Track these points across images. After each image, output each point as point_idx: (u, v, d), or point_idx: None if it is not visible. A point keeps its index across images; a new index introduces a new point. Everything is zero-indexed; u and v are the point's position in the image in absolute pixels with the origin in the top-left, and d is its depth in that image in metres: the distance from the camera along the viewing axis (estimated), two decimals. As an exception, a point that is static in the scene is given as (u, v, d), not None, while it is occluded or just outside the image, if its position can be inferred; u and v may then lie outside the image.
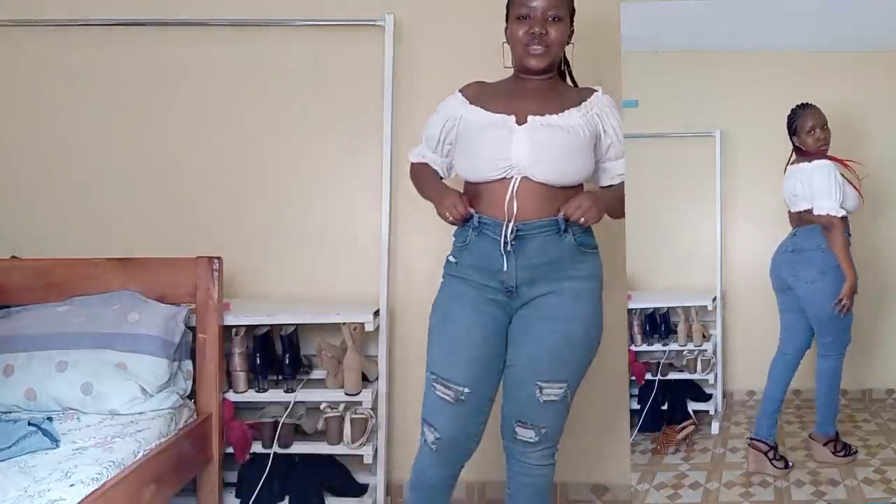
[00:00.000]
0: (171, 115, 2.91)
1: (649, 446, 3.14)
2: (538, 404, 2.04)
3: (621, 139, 2.17)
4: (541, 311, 2.04)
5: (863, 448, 3.11)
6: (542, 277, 2.03)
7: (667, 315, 3.32)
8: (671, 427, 3.21)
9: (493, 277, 2.04)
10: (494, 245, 2.02)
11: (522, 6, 2.09)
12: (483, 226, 2.04)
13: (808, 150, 2.88)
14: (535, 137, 2.01)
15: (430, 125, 2.23)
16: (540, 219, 2.01)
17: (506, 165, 2.00)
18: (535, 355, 2.03)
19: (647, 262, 3.16)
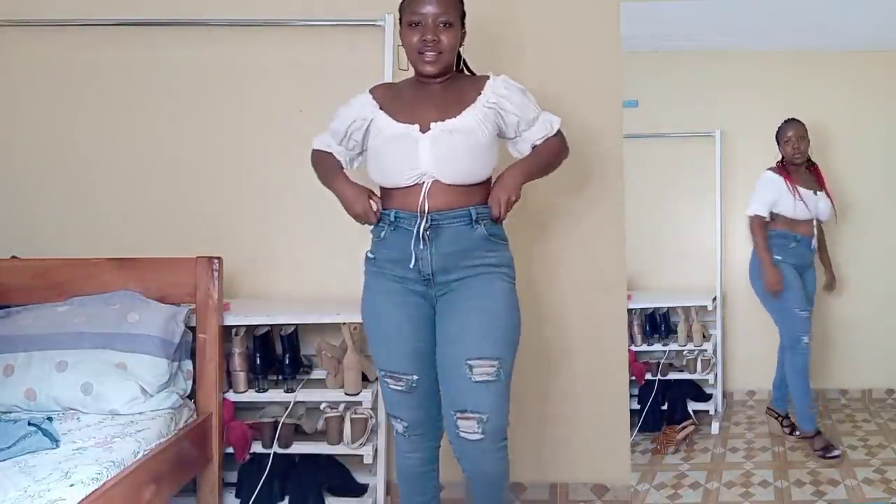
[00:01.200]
0: (170, 115, 2.91)
1: (649, 446, 3.14)
2: (470, 385, 2.05)
3: (530, 106, 2.21)
4: (460, 293, 2.12)
5: (863, 448, 3.11)
6: (456, 265, 2.12)
7: (667, 315, 3.32)
8: (671, 427, 3.21)
9: (410, 268, 2.13)
10: (410, 237, 2.11)
11: (413, 13, 2.12)
12: (399, 220, 2.13)
13: (785, 158, 3.13)
14: (439, 144, 2.09)
15: (338, 118, 2.28)
16: (452, 209, 2.11)
17: (415, 174, 2.10)
18: (461, 332, 2.09)
19: (647, 262, 3.16)
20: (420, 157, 2.09)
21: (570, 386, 2.91)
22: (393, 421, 2.22)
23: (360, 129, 2.23)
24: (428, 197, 2.09)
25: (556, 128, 2.25)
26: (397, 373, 2.14)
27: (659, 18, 3.00)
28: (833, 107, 3.23)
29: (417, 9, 2.11)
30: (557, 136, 2.26)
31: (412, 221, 2.10)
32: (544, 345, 2.86)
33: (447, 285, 2.13)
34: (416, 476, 2.28)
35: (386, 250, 2.16)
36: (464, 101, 2.16)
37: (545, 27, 2.84)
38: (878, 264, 3.22)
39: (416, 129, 2.12)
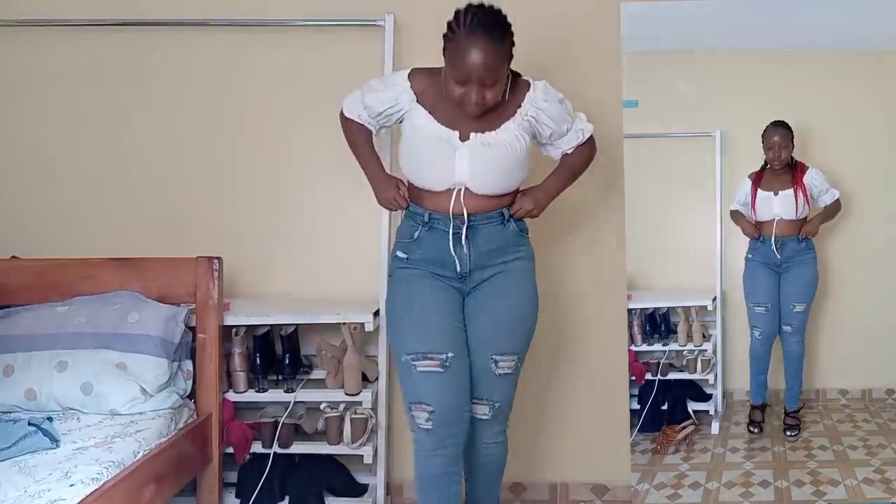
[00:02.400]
0: (170, 114, 2.91)
1: (649, 446, 3.14)
2: (493, 377, 2.19)
3: (566, 117, 2.25)
4: (493, 289, 2.20)
5: (863, 448, 3.11)
6: (491, 262, 2.20)
7: (667, 315, 3.31)
8: (671, 427, 3.21)
9: (448, 266, 2.19)
10: (445, 237, 2.17)
11: (458, 69, 2.04)
12: (434, 221, 2.18)
13: (767, 160, 3.26)
14: (476, 156, 2.12)
15: (373, 95, 2.25)
16: (485, 212, 2.18)
17: (449, 181, 2.14)
18: (491, 329, 2.18)
19: (647, 262, 3.16)
20: (456, 166, 2.12)
21: (570, 386, 2.92)
22: (415, 412, 2.12)
23: (396, 114, 2.23)
24: (459, 203, 2.15)
25: (587, 136, 2.30)
26: (432, 352, 2.11)
27: (659, 18, 3.00)
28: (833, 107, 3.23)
29: (463, 66, 2.03)
30: (588, 142, 2.32)
31: (447, 223, 2.16)
32: (544, 345, 2.85)
33: (482, 280, 2.20)
34: (440, 479, 2.13)
35: (421, 250, 2.20)
36: (504, 112, 2.17)
37: (545, 27, 2.84)
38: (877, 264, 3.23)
39: (456, 135, 2.14)
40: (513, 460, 2.38)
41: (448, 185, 2.15)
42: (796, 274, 3.28)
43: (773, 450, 3.14)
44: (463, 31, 2.03)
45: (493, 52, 2.02)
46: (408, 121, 2.19)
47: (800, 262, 3.27)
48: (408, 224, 2.25)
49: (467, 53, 2.01)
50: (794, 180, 3.22)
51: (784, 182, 3.22)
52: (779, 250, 3.24)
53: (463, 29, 2.03)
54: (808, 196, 3.23)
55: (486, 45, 2.01)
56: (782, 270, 3.29)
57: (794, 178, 3.22)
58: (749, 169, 3.24)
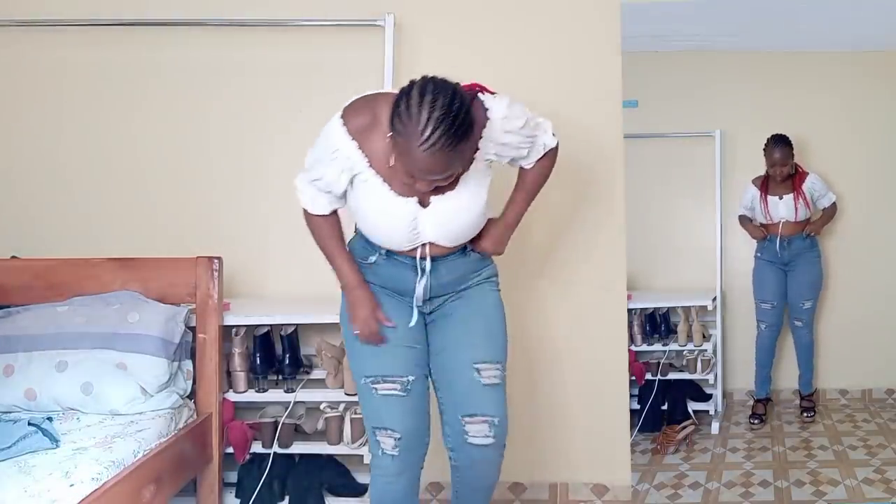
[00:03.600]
0: (170, 114, 2.91)
1: (649, 446, 3.15)
2: (480, 388, 2.04)
3: (527, 141, 2.02)
4: (457, 304, 2.10)
5: (863, 448, 3.11)
6: (452, 289, 2.09)
7: (667, 315, 3.32)
8: (671, 427, 3.21)
9: (407, 293, 2.07)
10: (405, 268, 2.04)
11: (410, 167, 1.79)
12: (391, 253, 2.05)
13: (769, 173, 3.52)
14: (440, 218, 1.98)
15: (322, 171, 1.97)
16: (448, 254, 2.05)
17: (416, 243, 2.00)
18: (466, 335, 2.07)
19: (647, 262, 3.16)
20: (420, 230, 1.99)
21: (570, 386, 2.91)
22: (379, 437, 2.04)
23: (347, 180, 1.97)
24: (426, 252, 2.03)
25: (548, 147, 2.08)
26: (392, 375, 2.03)
27: (659, 18, 3.00)
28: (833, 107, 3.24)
29: (416, 169, 1.79)
30: (548, 154, 2.10)
31: (406, 257, 2.04)
32: (544, 345, 2.85)
33: (443, 303, 2.11)
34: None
35: (376, 277, 2.09)
36: None
37: (545, 27, 2.84)
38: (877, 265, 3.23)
39: (415, 203, 1.95)
40: (513, 460, 2.38)
41: (412, 245, 2.01)
42: (803, 272, 3.54)
43: (773, 450, 3.14)
44: (416, 131, 1.72)
45: (458, 156, 1.79)
46: (360, 184, 1.95)
47: (805, 261, 3.52)
48: (362, 245, 2.08)
49: (422, 161, 1.76)
50: (795, 186, 3.50)
51: (787, 187, 3.51)
52: (786, 248, 3.50)
53: (416, 126, 1.72)
54: (808, 201, 3.50)
55: (447, 153, 1.74)
56: (789, 269, 3.54)
57: (794, 184, 3.50)
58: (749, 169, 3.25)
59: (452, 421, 2.07)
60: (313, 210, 2.07)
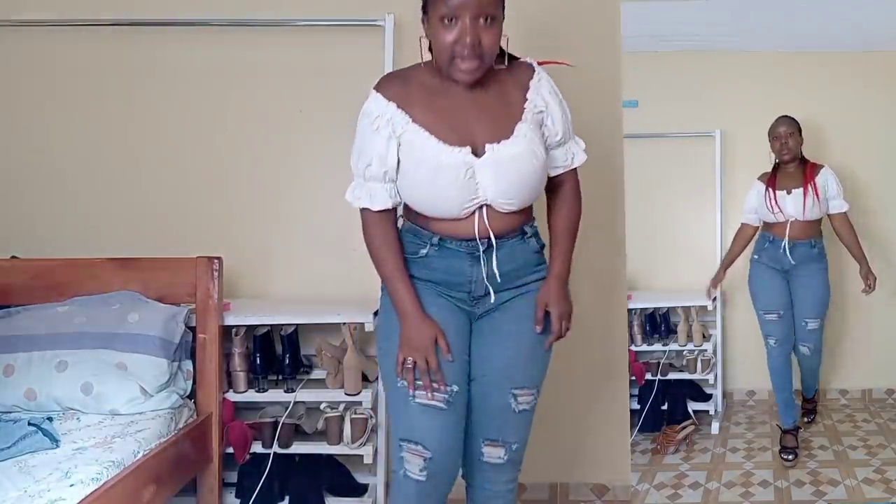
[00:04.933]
0: (171, 115, 2.91)
1: (649, 446, 3.14)
2: (511, 415, 1.92)
3: (562, 124, 1.94)
4: (511, 314, 1.92)
5: (863, 448, 3.11)
6: (509, 284, 1.91)
7: (667, 315, 3.32)
8: (671, 427, 3.21)
9: (458, 288, 1.91)
10: (458, 257, 1.88)
11: (446, 5, 1.73)
12: (444, 241, 1.88)
13: (775, 154, 3.13)
14: (501, 172, 1.82)
15: (371, 153, 1.85)
16: (510, 231, 1.90)
17: (473, 206, 1.83)
18: (510, 360, 1.90)
19: (647, 262, 3.16)
20: (479, 187, 1.82)
21: (570, 386, 2.91)
22: (406, 454, 1.84)
23: (396, 147, 1.84)
24: (485, 223, 1.85)
25: (575, 163, 1.98)
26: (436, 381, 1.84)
27: (659, 18, 3.00)
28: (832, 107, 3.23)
29: (448, 8, 1.73)
30: (572, 178, 2.00)
31: (460, 244, 1.87)
32: (544, 345, 2.86)
33: (497, 304, 1.92)
34: None
35: (427, 270, 1.90)
36: (511, 109, 1.87)
37: (544, 27, 2.84)
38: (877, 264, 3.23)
39: (469, 153, 1.81)
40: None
41: (470, 209, 1.83)
42: (807, 284, 3.12)
43: (773, 450, 3.13)
44: None
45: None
46: (407, 146, 1.83)
47: (810, 272, 3.10)
48: (410, 239, 1.92)
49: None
50: (805, 178, 3.06)
51: (796, 180, 3.08)
52: (788, 253, 3.08)
53: None
54: (820, 197, 3.07)
55: None
56: (791, 276, 3.12)
57: (805, 175, 3.06)
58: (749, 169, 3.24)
59: (473, 440, 1.94)
60: (374, 205, 1.88)
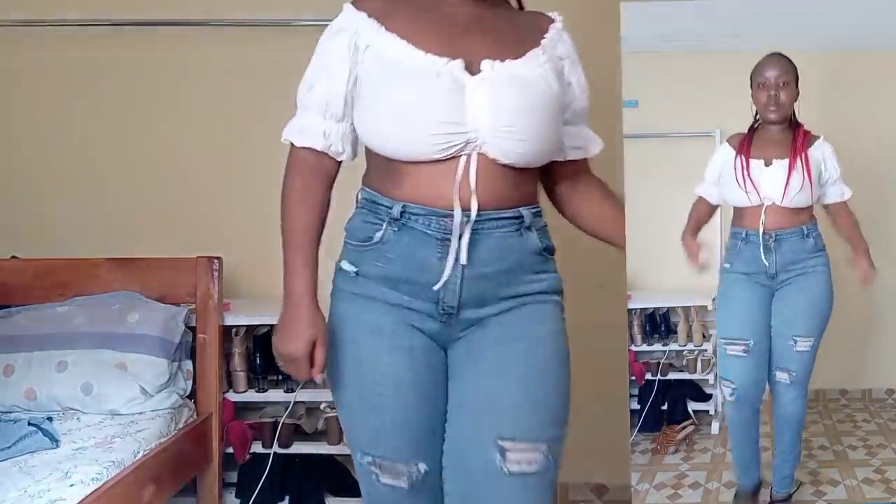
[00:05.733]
0: (171, 115, 2.91)
1: (649, 446, 3.14)
2: (499, 481, 1.32)
3: (584, 92, 1.58)
4: (494, 330, 1.40)
5: (863, 448, 3.11)
6: (494, 294, 1.40)
7: (667, 315, 3.32)
8: (671, 427, 3.21)
9: (423, 291, 1.37)
10: (424, 242, 1.35)
11: None
12: (409, 217, 1.36)
13: (758, 110, 2.18)
14: (500, 95, 1.34)
15: (316, 67, 1.51)
16: (500, 208, 1.37)
17: (458, 140, 1.32)
18: (491, 396, 1.35)
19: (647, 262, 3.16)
20: (467, 112, 1.32)
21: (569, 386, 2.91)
22: None
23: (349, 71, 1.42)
24: (470, 181, 1.33)
25: (592, 151, 1.67)
26: (395, 460, 1.38)
27: (659, 18, 3.00)
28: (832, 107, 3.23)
29: None
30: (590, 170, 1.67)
31: (431, 223, 1.35)
32: (544, 345, 2.86)
33: (474, 322, 1.40)
34: None
35: (380, 264, 1.40)
36: (522, 36, 1.44)
37: (545, 27, 2.85)
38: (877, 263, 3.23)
39: (460, 66, 1.34)
40: (513, 460, 2.38)
41: (451, 148, 1.32)
42: (799, 289, 2.18)
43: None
44: None
45: None
46: (371, 57, 1.38)
47: (804, 272, 2.18)
48: (362, 218, 1.45)
49: None
50: (795, 147, 2.12)
51: (780, 148, 2.13)
52: (772, 250, 2.13)
53: None
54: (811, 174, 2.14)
55: None
56: (778, 285, 2.18)
57: (793, 145, 2.13)
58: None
59: None
60: (300, 139, 1.53)
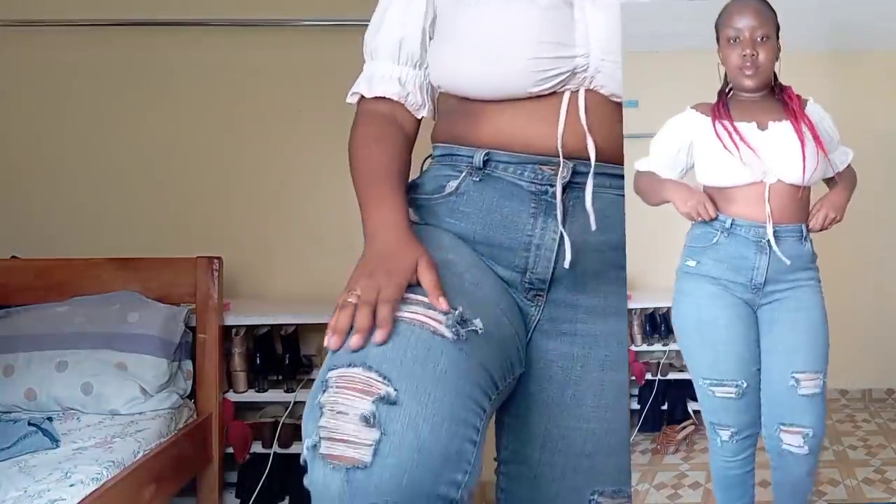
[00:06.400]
0: (170, 115, 2.91)
1: (649, 446, 3.14)
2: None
3: None
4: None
5: (863, 448, 3.11)
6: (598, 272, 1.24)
7: (667, 315, 3.32)
8: (671, 427, 3.21)
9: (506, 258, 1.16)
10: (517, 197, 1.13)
11: None
12: (496, 165, 1.12)
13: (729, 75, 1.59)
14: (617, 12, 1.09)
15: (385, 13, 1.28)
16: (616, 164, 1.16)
17: (564, 67, 1.08)
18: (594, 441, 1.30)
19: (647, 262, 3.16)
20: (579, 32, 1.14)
21: (570, 386, 2.92)
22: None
23: None
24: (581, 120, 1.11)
25: None
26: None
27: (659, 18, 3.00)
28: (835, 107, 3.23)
29: None
30: None
31: (525, 170, 1.10)
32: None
33: (568, 313, 1.23)
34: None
35: (454, 219, 1.14)
36: None
37: (545, 27, 2.85)
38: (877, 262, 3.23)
39: None
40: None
41: (554, 78, 1.07)
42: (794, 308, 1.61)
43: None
44: None
45: None
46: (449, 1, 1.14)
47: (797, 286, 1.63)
48: (436, 174, 1.17)
49: None
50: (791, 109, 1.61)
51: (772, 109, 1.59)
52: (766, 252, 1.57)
53: None
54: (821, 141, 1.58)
55: None
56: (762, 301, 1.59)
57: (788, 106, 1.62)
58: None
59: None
60: (371, 90, 1.23)
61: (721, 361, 1.61)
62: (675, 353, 3.48)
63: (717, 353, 1.61)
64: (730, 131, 1.49)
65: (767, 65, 1.59)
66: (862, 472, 3.05)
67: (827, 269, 3.35)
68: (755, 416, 1.63)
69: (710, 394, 1.65)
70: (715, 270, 1.57)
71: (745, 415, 1.62)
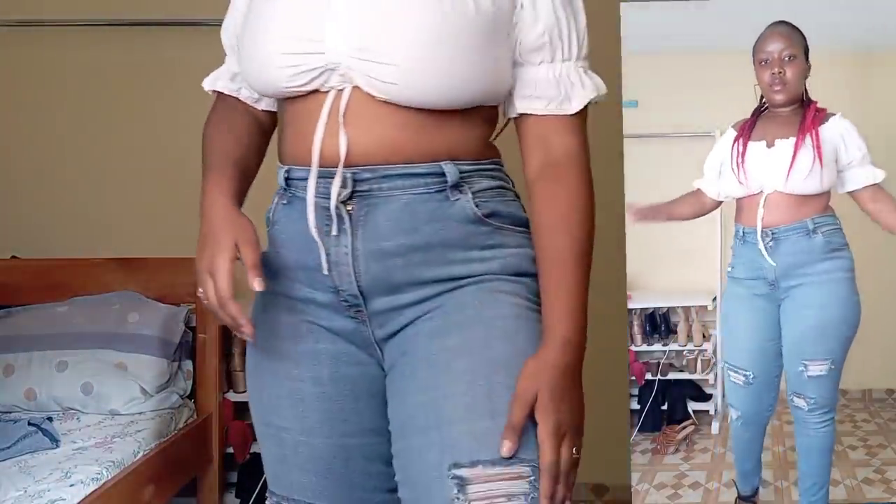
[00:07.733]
0: (170, 114, 2.91)
1: (649, 446, 3.14)
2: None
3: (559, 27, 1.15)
4: (426, 326, 1.03)
5: (863, 448, 3.11)
6: (408, 273, 1.02)
7: (667, 315, 3.32)
8: (671, 427, 3.21)
9: (319, 281, 1.08)
10: (303, 212, 1.05)
11: None
12: (293, 185, 1.10)
13: (763, 93, 1.86)
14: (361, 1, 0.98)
15: None
16: (401, 164, 1.00)
17: (314, 63, 1.00)
18: (438, 410, 0.98)
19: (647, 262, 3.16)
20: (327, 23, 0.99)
21: (570, 386, 2.92)
22: None
23: None
24: (338, 122, 1.00)
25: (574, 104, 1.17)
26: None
27: (659, 18, 3.00)
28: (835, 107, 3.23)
29: None
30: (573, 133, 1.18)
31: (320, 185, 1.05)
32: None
33: (396, 315, 1.05)
34: None
35: (276, 247, 1.16)
36: None
37: (545, 27, 2.85)
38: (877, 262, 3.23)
39: None
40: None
41: (305, 75, 1.01)
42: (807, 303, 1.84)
43: (773, 450, 3.14)
44: None
45: None
46: None
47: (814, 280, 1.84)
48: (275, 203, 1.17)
49: None
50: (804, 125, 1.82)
51: (787, 126, 1.85)
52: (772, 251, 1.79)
53: None
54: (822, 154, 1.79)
55: None
56: (783, 295, 1.84)
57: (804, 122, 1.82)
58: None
59: None
60: (209, 84, 1.35)
61: (736, 350, 1.99)
62: (674, 353, 3.50)
63: (735, 344, 2.01)
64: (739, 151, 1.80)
65: (794, 81, 1.87)
66: (862, 472, 3.06)
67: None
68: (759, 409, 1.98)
69: (728, 376, 2.07)
70: (739, 272, 1.93)
71: (751, 404, 1.97)
